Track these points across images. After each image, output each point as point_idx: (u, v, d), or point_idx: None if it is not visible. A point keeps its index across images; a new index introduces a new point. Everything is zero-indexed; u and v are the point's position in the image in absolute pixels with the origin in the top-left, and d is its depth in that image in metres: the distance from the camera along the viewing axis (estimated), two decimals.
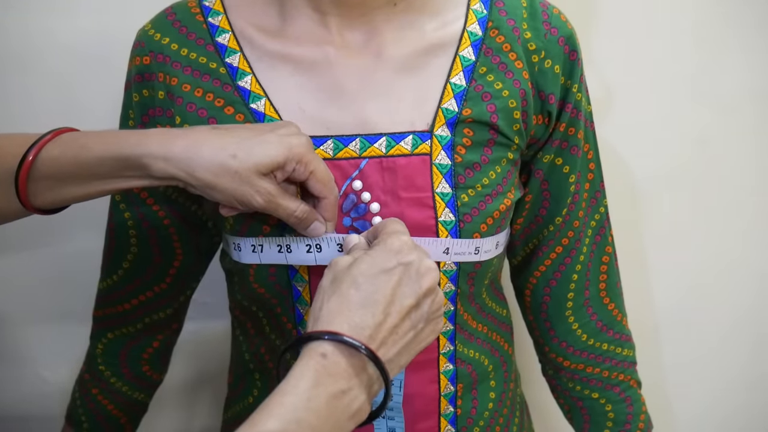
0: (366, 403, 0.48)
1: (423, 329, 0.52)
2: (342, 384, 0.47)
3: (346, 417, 0.47)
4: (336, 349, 0.47)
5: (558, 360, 0.73)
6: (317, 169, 0.55)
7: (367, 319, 0.48)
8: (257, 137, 0.54)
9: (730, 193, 0.94)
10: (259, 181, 0.53)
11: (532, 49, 0.62)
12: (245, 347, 0.70)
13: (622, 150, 0.92)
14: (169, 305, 0.73)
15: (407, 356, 0.51)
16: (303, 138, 0.55)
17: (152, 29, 0.63)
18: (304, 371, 0.47)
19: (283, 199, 0.55)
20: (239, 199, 0.54)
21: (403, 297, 0.50)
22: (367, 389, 0.48)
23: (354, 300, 0.49)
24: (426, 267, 0.52)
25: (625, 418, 0.72)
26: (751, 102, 0.91)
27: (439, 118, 0.60)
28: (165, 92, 0.62)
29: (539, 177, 0.67)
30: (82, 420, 0.74)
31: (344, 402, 0.47)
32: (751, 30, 0.89)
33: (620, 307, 0.73)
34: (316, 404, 0.45)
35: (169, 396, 0.96)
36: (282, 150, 0.53)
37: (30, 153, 0.55)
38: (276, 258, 0.59)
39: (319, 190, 0.56)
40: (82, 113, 0.87)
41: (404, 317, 0.50)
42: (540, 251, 0.70)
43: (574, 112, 0.65)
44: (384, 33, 0.61)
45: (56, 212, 0.59)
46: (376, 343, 0.48)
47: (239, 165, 0.52)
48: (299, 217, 0.56)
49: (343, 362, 0.47)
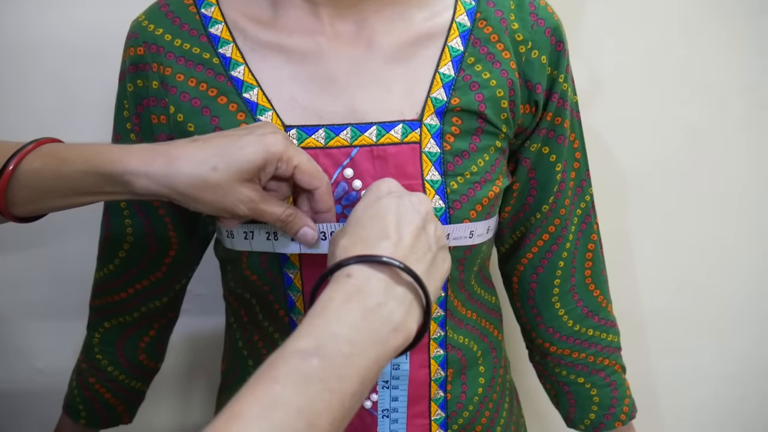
0: (409, 317, 0.45)
1: (437, 254, 0.50)
2: (376, 298, 0.44)
3: (389, 330, 0.44)
4: (362, 268, 0.45)
5: (545, 346, 0.74)
6: (300, 162, 0.55)
7: (383, 242, 0.47)
8: (235, 144, 0.53)
9: (720, 187, 0.94)
10: (242, 189, 0.53)
11: (519, 40, 0.64)
12: (239, 334, 0.71)
13: (610, 142, 0.93)
14: (165, 294, 0.74)
15: (436, 281, 0.49)
16: (279, 135, 0.54)
17: (146, 20, 0.64)
18: (331, 294, 0.44)
19: (266, 205, 0.55)
20: (224, 209, 0.54)
21: (408, 220, 0.49)
22: (405, 303, 0.45)
23: (362, 234, 0.48)
24: (418, 198, 0.51)
25: (610, 402, 0.73)
26: (741, 95, 0.91)
27: (428, 107, 0.61)
28: (159, 82, 0.63)
29: (526, 165, 0.69)
30: (79, 409, 0.75)
31: (383, 314, 0.44)
32: (740, 21, 0.90)
33: (605, 294, 0.74)
34: (351, 319, 0.43)
35: (165, 386, 0.97)
36: (260, 152, 0.53)
37: (10, 163, 0.54)
38: (264, 245, 0.60)
39: (308, 182, 0.56)
40: (78, 105, 0.88)
41: (416, 237, 0.48)
42: (527, 239, 0.72)
43: (560, 102, 0.67)
44: (374, 23, 0.62)
45: (34, 220, 0.59)
46: (401, 258, 0.46)
47: (220, 177, 0.52)
48: (284, 220, 0.56)
49: (372, 279, 0.45)
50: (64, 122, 0.88)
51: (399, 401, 0.55)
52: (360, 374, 0.42)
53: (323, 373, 0.40)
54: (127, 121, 0.66)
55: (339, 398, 0.40)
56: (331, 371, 0.41)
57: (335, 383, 0.40)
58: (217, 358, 0.80)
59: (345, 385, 0.41)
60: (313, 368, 0.40)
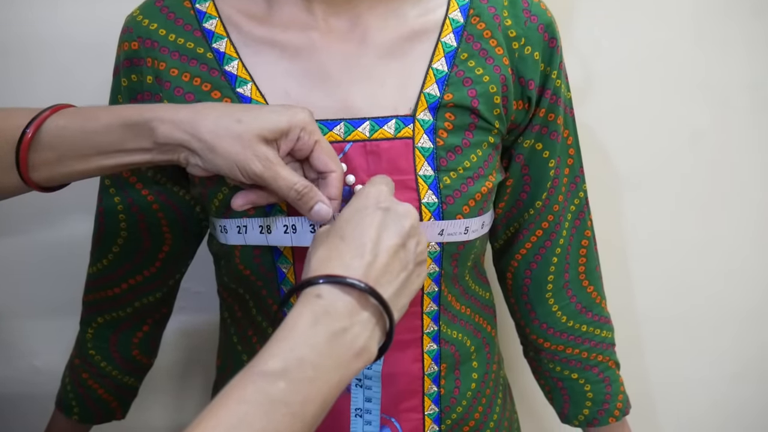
0: (371, 341, 0.47)
1: (413, 271, 0.51)
2: (342, 322, 0.45)
3: (351, 355, 0.45)
4: (331, 289, 0.46)
5: (539, 341, 0.74)
6: (321, 139, 0.55)
7: (357, 261, 0.48)
8: (263, 107, 0.56)
9: (717, 184, 0.94)
10: (261, 146, 0.53)
11: (512, 36, 0.64)
12: (233, 329, 0.71)
13: (604, 139, 0.93)
14: (158, 289, 0.74)
15: (404, 298, 0.51)
16: (307, 112, 0.55)
17: (140, 15, 0.64)
18: (300, 314, 0.45)
19: (282, 168, 0.54)
20: (239, 164, 0.53)
21: (388, 237, 0.50)
22: (369, 327, 0.47)
23: (341, 247, 0.48)
24: (404, 209, 0.52)
25: (604, 398, 0.73)
26: (745, 94, 0.91)
27: (421, 102, 0.62)
28: (153, 77, 0.63)
29: (520, 161, 0.69)
30: (72, 405, 0.75)
31: (346, 339, 0.45)
32: (738, 19, 0.89)
33: (599, 290, 0.74)
34: (316, 341, 0.44)
35: (160, 382, 0.97)
36: (286, 117, 0.54)
37: (32, 126, 0.55)
38: (258, 239, 0.60)
39: (324, 163, 0.55)
40: (75, 100, 0.87)
41: (393, 256, 0.49)
42: (521, 235, 0.72)
43: (553, 98, 0.67)
44: (368, 20, 0.62)
45: (55, 190, 0.59)
46: (371, 281, 0.47)
47: (243, 128, 0.53)
48: (299, 190, 0.54)
49: (339, 301, 0.46)
50: None
51: (372, 402, 0.55)
52: (323, 397, 0.43)
53: (288, 397, 0.42)
54: None
55: (301, 420, 0.42)
56: (295, 395, 0.42)
57: (299, 407, 0.42)
58: (213, 354, 0.80)
59: (308, 408, 0.42)
60: (280, 392, 0.41)
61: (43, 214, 0.92)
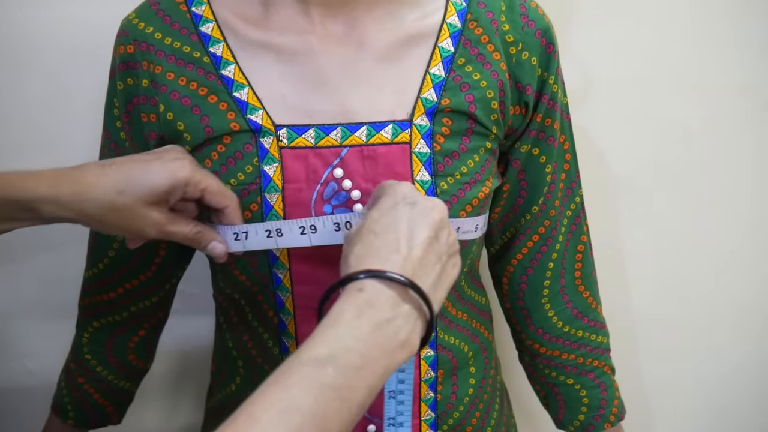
0: (413, 334, 0.48)
1: (447, 262, 0.52)
2: (385, 313, 0.47)
3: (395, 346, 0.46)
4: (373, 283, 0.47)
5: (534, 347, 0.74)
6: (208, 185, 0.58)
7: (393, 256, 0.49)
8: (142, 169, 0.56)
9: (713, 189, 0.94)
10: (149, 212, 0.56)
11: (509, 41, 0.64)
12: (228, 335, 0.70)
13: (601, 144, 0.93)
14: (154, 293, 0.74)
15: (442, 291, 0.51)
16: (186, 161, 0.57)
17: (136, 18, 0.64)
18: (343, 307, 0.47)
19: (174, 226, 0.58)
20: (133, 232, 0.57)
21: (420, 230, 0.50)
22: (411, 320, 0.48)
23: (375, 244, 0.50)
24: (432, 203, 0.53)
25: (599, 403, 0.73)
26: (737, 96, 0.91)
27: (418, 107, 0.61)
28: (149, 81, 0.63)
29: (516, 167, 0.69)
30: (68, 409, 0.75)
31: (390, 330, 0.46)
32: (736, 20, 0.89)
33: (595, 295, 0.74)
34: (361, 332, 0.45)
35: (155, 386, 0.96)
36: (166, 177, 0.56)
37: None
38: (265, 243, 0.59)
39: (217, 202, 0.59)
40: (70, 103, 0.87)
41: (427, 249, 0.50)
42: (517, 240, 0.72)
43: (550, 103, 0.67)
44: (365, 23, 0.62)
45: None
46: (408, 274, 0.48)
47: (125, 200, 0.55)
48: (191, 238, 0.59)
49: (382, 295, 0.47)
50: (59, 120, 0.88)
51: (404, 415, 0.57)
52: (368, 386, 0.44)
53: (336, 382, 0.43)
54: (116, 120, 0.66)
55: (348, 407, 0.43)
56: (343, 381, 0.43)
57: (346, 393, 0.43)
58: (207, 358, 0.79)
59: (354, 395, 0.43)
60: (328, 377, 0.43)
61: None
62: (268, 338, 0.65)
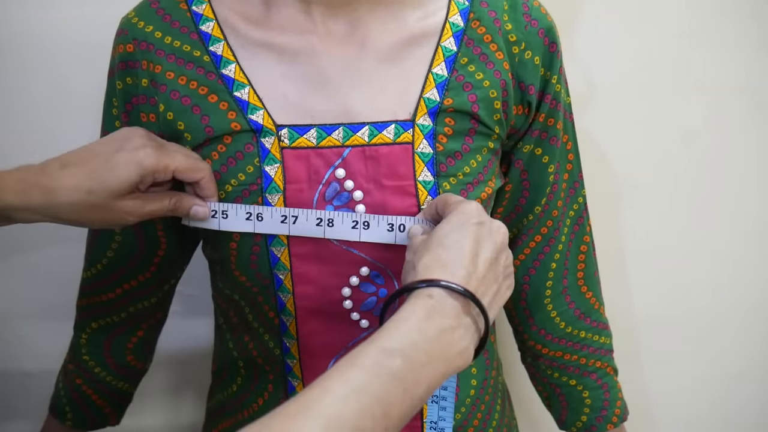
0: (471, 345, 0.51)
1: (502, 283, 0.55)
2: (450, 321, 0.49)
3: (455, 352, 0.49)
4: (441, 292, 0.50)
5: (537, 348, 0.74)
6: (177, 166, 0.58)
7: (460, 270, 0.51)
8: (107, 164, 0.56)
9: (716, 189, 0.94)
10: (122, 204, 0.57)
11: (512, 41, 0.63)
12: (229, 335, 0.70)
13: (604, 144, 0.92)
14: (153, 294, 0.73)
15: (495, 309, 0.54)
16: (149, 147, 0.57)
17: (136, 17, 0.63)
18: (414, 308, 0.49)
19: (150, 205, 0.59)
20: (112, 225, 0.58)
21: (484, 251, 0.53)
22: (471, 331, 0.51)
23: (443, 257, 0.52)
24: (497, 225, 0.56)
25: (602, 404, 0.73)
26: (739, 96, 0.91)
27: (421, 107, 0.61)
28: (149, 80, 0.62)
29: (519, 167, 0.69)
30: (66, 410, 0.74)
31: (453, 337, 0.49)
32: (738, 21, 0.89)
33: (597, 296, 0.74)
34: (428, 333, 0.48)
35: (155, 388, 0.96)
36: (133, 171, 0.56)
37: None
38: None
39: (189, 178, 0.59)
40: (71, 102, 0.87)
41: (488, 269, 0.53)
42: (519, 240, 0.71)
43: (553, 103, 0.66)
44: (367, 23, 0.62)
45: None
46: (472, 289, 0.51)
47: (96, 198, 0.56)
48: (172, 209, 0.60)
49: (448, 303, 0.50)
50: (62, 118, 0.87)
51: (446, 421, 0.59)
52: (428, 383, 0.47)
53: (403, 373, 0.46)
54: (116, 119, 0.66)
55: (410, 398, 0.46)
56: (409, 374, 0.46)
57: (411, 385, 0.46)
58: (207, 359, 0.79)
59: (417, 389, 0.46)
60: (397, 367, 0.46)
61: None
62: (269, 339, 0.65)
